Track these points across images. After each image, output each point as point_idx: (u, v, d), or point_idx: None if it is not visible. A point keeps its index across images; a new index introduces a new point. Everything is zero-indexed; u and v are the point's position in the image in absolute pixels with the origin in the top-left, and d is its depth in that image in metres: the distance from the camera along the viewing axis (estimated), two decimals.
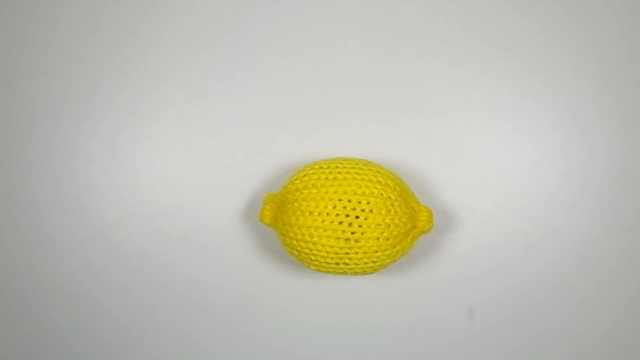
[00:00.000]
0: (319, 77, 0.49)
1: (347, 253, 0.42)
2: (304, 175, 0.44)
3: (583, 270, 0.48)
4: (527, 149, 0.48)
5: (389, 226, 0.42)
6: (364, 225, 0.42)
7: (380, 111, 0.49)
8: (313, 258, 0.43)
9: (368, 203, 0.42)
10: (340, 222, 0.42)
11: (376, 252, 0.42)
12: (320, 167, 0.44)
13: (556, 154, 0.48)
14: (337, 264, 0.43)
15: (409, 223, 0.43)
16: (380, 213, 0.42)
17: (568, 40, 0.49)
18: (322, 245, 0.42)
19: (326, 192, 0.42)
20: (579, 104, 0.49)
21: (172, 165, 0.49)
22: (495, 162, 0.48)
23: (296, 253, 0.44)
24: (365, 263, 0.43)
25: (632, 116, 0.48)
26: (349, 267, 0.43)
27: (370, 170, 0.43)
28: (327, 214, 0.42)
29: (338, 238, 0.42)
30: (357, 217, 0.42)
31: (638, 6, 0.49)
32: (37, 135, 0.49)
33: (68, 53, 0.49)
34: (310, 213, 0.42)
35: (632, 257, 0.48)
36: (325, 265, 0.43)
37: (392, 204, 0.42)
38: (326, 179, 0.43)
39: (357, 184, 0.43)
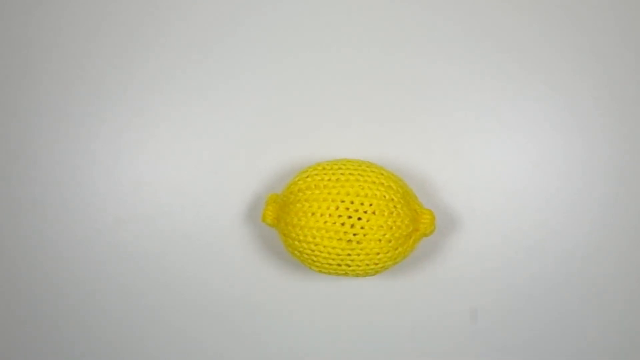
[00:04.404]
0: (322, 78, 0.49)
1: (349, 254, 0.42)
2: (307, 176, 0.44)
3: (584, 271, 0.48)
4: (528, 149, 0.48)
5: (391, 228, 0.42)
6: (366, 227, 0.42)
7: (382, 112, 0.49)
8: (315, 259, 0.43)
9: (370, 205, 0.42)
10: (343, 224, 0.42)
11: (378, 254, 0.42)
12: (324, 168, 0.44)
13: (557, 155, 0.48)
14: (339, 265, 0.43)
15: (411, 225, 0.43)
16: (383, 215, 0.42)
17: (569, 40, 0.49)
18: (324, 247, 0.42)
19: (329, 193, 0.42)
20: (579, 105, 0.49)
21: (174, 166, 0.49)
22: (496, 163, 0.48)
23: (298, 254, 0.44)
24: (367, 265, 0.43)
25: (633, 117, 0.49)
26: (350, 268, 0.43)
27: (373, 172, 0.43)
28: (330, 215, 0.42)
29: (340, 239, 0.42)
30: (359, 218, 0.42)
31: (638, 6, 0.49)
32: (39, 136, 0.49)
33: (69, 54, 0.49)
34: (313, 214, 0.42)
35: (633, 258, 0.48)
36: (327, 266, 0.43)
37: (395, 206, 0.42)
38: (329, 180, 0.43)
39: (359, 185, 0.43)
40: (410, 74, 0.49)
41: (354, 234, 0.42)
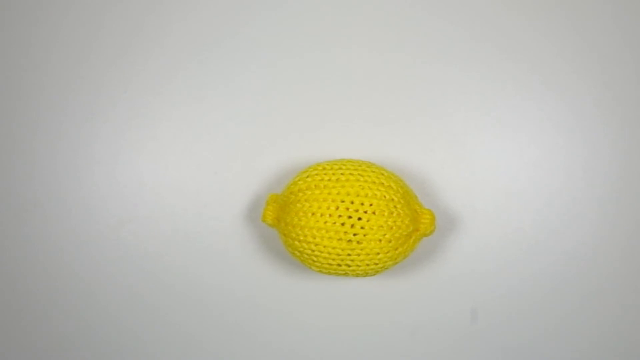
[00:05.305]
0: (322, 78, 0.49)
1: (349, 254, 0.42)
2: (307, 176, 0.44)
3: (585, 271, 0.48)
4: (529, 150, 0.48)
5: (391, 228, 0.42)
6: (366, 227, 0.42)
7: (383, 113, 0.49)
8: (315, 259, 0.43)
9: (371, 205, 0.42)
10: (343, 224, 0.42)
11: (378, 254, 0.42)
12: (324, 168, 0.44)
13: (558, 155, 0.48)
14: (339, 265, 0.43)
15: (412, 225, 0.43)
16: (383, 215, 0.42)
17: (570, 41, 0.49)
18: (324, 247, 0.42)
19: (329, 193, 0.42)
20: (581, 105, 0.49)
21: (175, 167, 0.49)
22: (497, 164, 0.48)
23: (298, 254, 0.44)
24: (367, 265, 0.43)
25: (634, 117, 0.49)
26: (350, 268, 0.43)
27: (373, 172, 0.43)
28: (330, 215, 0.42)
29: (340, 239, 0.42)
30: (359, 218, 0.42)
31: (638, 6, 0.49)
32: (41, 138, 0.49)
33: (71, 56, 0.49)
34: (313, 214, 0.42)
35: (634, 258, 0.48)
36: (327, 266, 0.43)
37: (395, 206, 0.42)
38: (329, 180, 0.43)
39: (360, 185, 0.43)
40: (410, 74, 0.49)
41: (354, 234, 0.42)
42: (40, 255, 0.48)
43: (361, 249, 0.42)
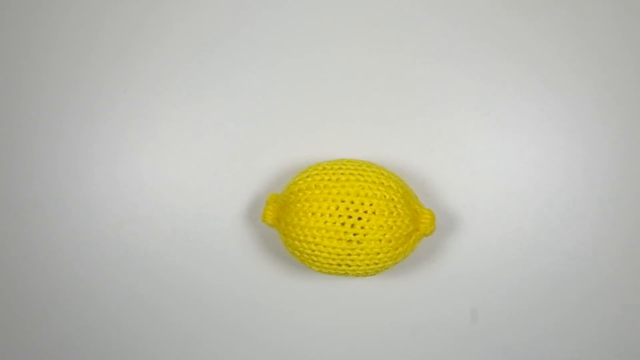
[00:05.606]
0: (322, 78, 0.49)
1: (349, 254, 0.42)
2: (307, 176, 0.44)
3: (585, 271, 0.48)
4: (529, 150, 0.48)
5: (391, 228, 0.42)
6: (366, 227, 0.42)
7: (383, 113, 0.49)
8: (315, 259, 0.43)
9: (371, 205, 0.42)
10: (343, 224, 0.42)
11: (378, 253, 0.42)
12: (324, 168, 0.44)
13: (558, 155, 0.48)
14: (339, 265, 0.43)
15: (412, 225, 0.43)
16: (383, 215, 0.42)
17: (570, 41, 0.49)
18: (325, 246, 0.42)
19: (329, 193, 0.42)
20: (581, 105, 0.49)
21: (175, 167, 0.49)
22: (497, 164, 0.48)
23: (298, 254, 0.44)
24: (367, 265, 0.43)
25: (634, 117, 0.49)
26: (350, 268, 0.43)
27: (373, 172, 0.43)
28: (330, 215, 0.42)
29: (340, 239, 0.42)
30: (359, 218, 0.42)
31: (638, 6, 0.49)
32: (41, 138, 0.49)
33: (71, 56, 0.49)
34: (313, 214, 0.42)
35: (634, 258, 0.48)
36: (327, 266, 0.43)
37: (395, 206, 0.42)
38: (329, 180, 0.43)
39: (360, 185, 0.43)
40: (410, 74, 0.49)
41: (354, 234, 0.42)
42: (40, 255, 0.49)
43: (361, 249, 0.42)
